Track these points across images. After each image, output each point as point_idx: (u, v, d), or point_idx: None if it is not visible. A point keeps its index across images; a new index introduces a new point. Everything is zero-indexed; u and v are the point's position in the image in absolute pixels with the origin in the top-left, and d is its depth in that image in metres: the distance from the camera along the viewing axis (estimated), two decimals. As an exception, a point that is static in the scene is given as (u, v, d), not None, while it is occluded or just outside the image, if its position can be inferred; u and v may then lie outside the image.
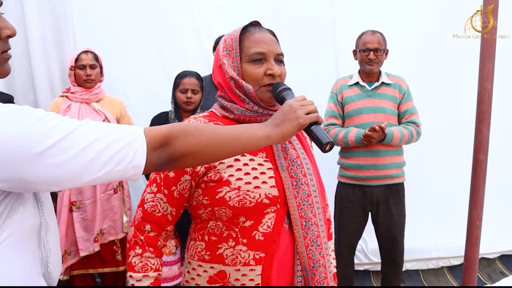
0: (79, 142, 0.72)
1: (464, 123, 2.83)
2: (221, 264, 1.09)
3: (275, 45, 1.14)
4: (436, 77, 3.09)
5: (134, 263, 1.11)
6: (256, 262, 1.08)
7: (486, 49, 2.67)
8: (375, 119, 2.48)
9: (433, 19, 3.08)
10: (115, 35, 2.98)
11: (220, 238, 1.10)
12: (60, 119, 0.73)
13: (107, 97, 2.72)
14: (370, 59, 2.47)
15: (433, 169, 3.12)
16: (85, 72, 2.57)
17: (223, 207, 1.07)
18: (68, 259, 2.55)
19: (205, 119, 1.14)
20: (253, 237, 1.08)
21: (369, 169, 2.48)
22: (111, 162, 0.74)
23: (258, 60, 1.11)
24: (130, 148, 0.76)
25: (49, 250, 0.81)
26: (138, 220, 1.13)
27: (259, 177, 1.09)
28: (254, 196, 1.07)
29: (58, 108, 2.56)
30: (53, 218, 0.84)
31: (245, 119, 1.14)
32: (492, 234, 3.12)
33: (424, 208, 3.11)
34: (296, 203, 1.11)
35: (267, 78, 1.11)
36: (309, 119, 0.95)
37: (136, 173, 0.79)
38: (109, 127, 0.78)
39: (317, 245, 1.12)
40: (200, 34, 3.08)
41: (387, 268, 2.66)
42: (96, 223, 2.55)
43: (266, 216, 1.09)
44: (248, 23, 1.17)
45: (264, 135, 0.90)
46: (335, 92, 2.63)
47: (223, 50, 1.15)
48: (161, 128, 0.83)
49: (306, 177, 1.14)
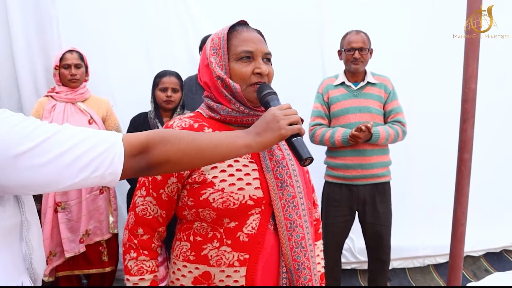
0: (57, 147, 0.72)
1: (449, 122, 2.87)
2: (205, 265, 1.09)
3: (263, 44, 1.14)
4: (421, 76, 3.12)
5: (130, 266, 1.12)
6: (241, 263, 1.08)
7: (470, 49, 2.71)
8: (361, 118, 2.50)
9: (419, 20, 3.11)
10: (101, 35, 2.96)
11: (205, 239, 1.09)
12: (39, 123, 0.74)
13: (93, 96, 2.71)
14: (355, 58, 2.50)
15: (419, 168, 3.16)
16: (70, 71, 2.55)
17: (207, 209, 1.07)
18: (53, 260, 2.53)
19: (191, 120, 1.13)
20: (238, 238, 1.08)
21: (356, 169, 2.51)
22: (88, 168, 0.75)
23: (246, 58, 1.11)
24: (108, 155, 0.77)
25: (32, 247, 0.81)
26: (131, 224, 1.14)
27: (243, 178, 1.08)
28: (238, 198, 1.06)
29: (43, 108, 2.53)
30: (35, 216, 0.85)
31: (231, 119, 1.13)
32: (477, 232, 3.17)
33: (410, 206, 3.15)
34: (281, 205, 1.10)
35: (254, 77, 1.10)
36: (291, 131, 0.94)
37: (113, 180, 0.80)
38: (87, 132, 0.78)
39: (301, 247, 1.11)
40: (186, 33, 3.08)
41: (373, 266, 2.69)
42: (81, 223, 2.53)
43: (250, 218, 1.08)
44: (236, 22, 1.16)
45: (244, 144, 0.91)
46: (321, 92, 2.64)
47: (210, 49, 1.14)
48: (139, 135, 0.84)
49: (292, 178, 1.13)
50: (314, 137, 2.59)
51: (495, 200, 3.40)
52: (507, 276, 2.23)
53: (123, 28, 2.99)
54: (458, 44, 2.75)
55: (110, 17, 2.97)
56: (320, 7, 3.11)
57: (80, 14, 2.94)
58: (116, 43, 2.99)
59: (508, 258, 3.39)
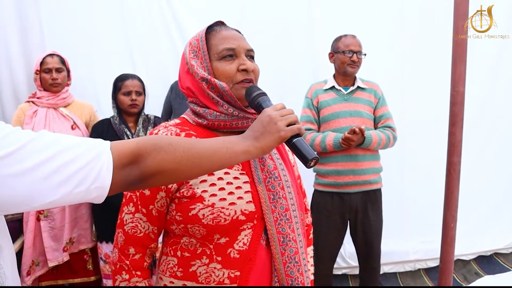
0: (31, 157, 0.63)
1: (438, 125, 2.89)
2: (194, 282, 1.05)
3: (244, 41, 1.11)
4: (409, 80, 3.15)
5: None
6: (231, 281, 1.04)
7: (458, 51, 2.74)
8: (352, 123, 2.49)
9: (407, 23, 3.13)
10: (85, 38, 2.93)
11: (194, 255, 1.05)
12: (10, 130, 0.64)
13: (76, 101, 2.68)
14: (353, 61, 2.50)
15: (409, 172, 3.18)
16: (51, 76, 2.52)
17: (196, 225, 1.02)
18: (36, 270, 2.50)
19: (177, 128, 1.08)
20: (228, 254, 1.03)
21: (348, 175, 2.49)
22: (69, 182, 0.66)
23: (228, 56, 1.07)
24: (93, 166, 0.68)
25: (4, 275, 0.71)
26: (121, 243, 1.09)
27: (234, 192, 1.04)
28: (229, 214, 1.01)
29: (24, 114, 2.51)
30: (7, 239, 0.75)
31: (220, 124, 1.08)
32: (468, 235, 3.20)
33: (401, 211, 3.17)
34: (273, 218, 1.06)
35: (240, 74, 1.07)
36: (291, 132, 0.89)
37: (100, 195, 0.71)
38: (69, 140, 0.69)
39: (295, 261, 1.08)
40: (172, 36, 3.06)
41: (364, 274, 2.70)
42: (65, 231, 2.50)
43: (242, 233, 1.04)
44: (213, 22, 1.13)
45: (243, 149, 0.85)
46: (309, 97, 2.63)
47: (189, 53, 1.11)
48: (129, 143, 0.76)
49: (284, 190, 1.09)
50: (303, 143, 2.57)
51: (485, 203, 3.44)
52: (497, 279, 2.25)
53: (107, 31, 2.97)
54: (445, 47, 2.78)
55: (95, 20, 2.95)
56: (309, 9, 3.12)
57: (64, 17, 2.91)
58: (101, 46, 2.97)
59: (498, 261, 3.43)
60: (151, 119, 2.57)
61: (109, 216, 2.38)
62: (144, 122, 2.53)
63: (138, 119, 2.53)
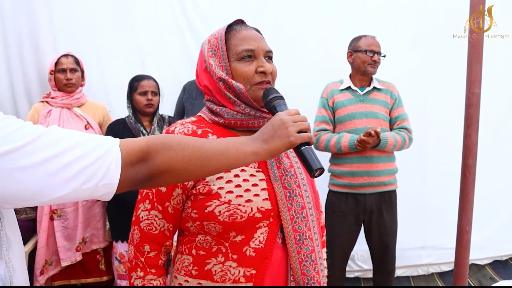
0: (41, 152, 0.64)
1: (453, 128, 2.87)
2: (209, 281, 1.05)
3: (264, 42, 1.12)
4: (424, 82, 3.13)
5: (137, 285, 1.10)
6: (247, 279, 1.04)
7: (474, 52, 2.73)
8: (368, 124, 2.50)
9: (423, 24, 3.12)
10: (96, 39, 2.96)
11: (209, 253, 1.06)
12: (21, 124, 0.65)
13: (89, 101, 2.72)
14: (374, 61, 2.52)
15: (423, 175, 3.17)
16: (65, 76, 2.56)
17: (212, 222, 1.03)
18: (49, 269, 2.53)
19: (193, 126, 1.10)
20: (244, 252, 1.04)
21: (363, 176, 2.50)
22: (78, 178, 0.67)
23: (247, 57, 1.08)
24: (102, 163, 0.69)
25: (13, 268, 0.71)
26: (136, 240, 1.11)
27: (250, 189, 1.04)
28: (245, 211, 1.02)
29: (38, 114, 2.55)
30: (16, 233, 0.77)
31: (236, 123, 1.09)
32: (483, 239, 3.17)
33: (414, 213, 3.15)
34: (290, 216, 1.07)
35: (258, 76, 1.08)
36: (301, 139, 0.89)
37: (108, 192, 0.72)
38: (79, 137, 0.70)
39: (311, 260, 1.08)
40: (184, 37, 3.07)
41: (379, 277, 2.69)
42: (78, 231, 2.54)
43: (258, 231, 1.05)
44: (233, 21, 1.14)
45: (251, 151, 0.86)
46: (325, 97, 2.64)
47: (208, 51, 1.12)
48: (139, 141, 0.77)
49: (300, 188, 1.10)
50: (318, 143, 2.57)
51: (500, 207, 3.40)
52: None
53: (118, 31, 3.00)
54: (461, 47, 2.77)
55: (105, 21, 2.97)
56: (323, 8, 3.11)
57: (75, 18, 2.94)
58: (112, 47, 3.00)
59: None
60: (166, 119, 2.61)
61: (124, 215, 2.41)
62: (159, 122, 2.56)
63: (153, 119, 2.56)
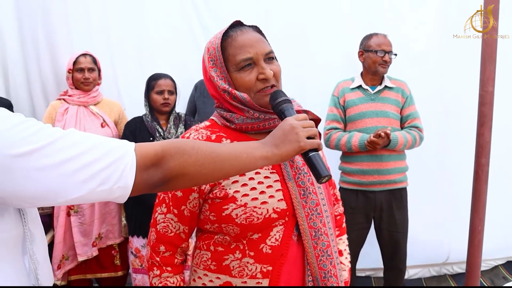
0: (59, 154, 0.67)
1: (466, 126, 2.89)
2: (227, 275, 1.10)
3: (262, 44, 1.10)
4: (436, 79, 3.14)
5: (154, 283, 1.15)
6: (263, 275, 1.09)
7: (487, 51, 2.75)
8: (378, 123, 2.55)
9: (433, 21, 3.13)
10: (109, 38, 3.02)
11: (227, 249, 1.11)
12: (41, 126, 0.69)
13: (105, 100, 2.80)
14: (385, 61, 2.54)
15: (435, 173, 3.18)
16: (83, 75, 2.65)
17: (230, 224, 1.07)
18: (66, 264, 2.62)
19: (207, 131, 1.13)
20: (261, 250, 1.08)
21: (373, 175, 2.55)
22: (94, 180, 0.70)
23: (247, 66, 1.08)
24: (118, 166, 0.72)
25: (37, 261, 0.76)
26: (153, 241, 1.16)
27: (266, 191, 1.08)
28: (261, 212, 1.06)
29: (56, 111, 2.63)
30: (39, 228, 0.81)
31: (248, 127, 1.12)
32: (496, 239, 3.17)
33: (426, 213, 3.17)
34: (305, 213, 1.10)
35: (260, 83, 1.08)
36: (310, 145, 0.92)
37: (122, 195, 0.75)
38: (95, 140, 0.73)
39: (327, 255, 1.12)
40: (196, 35, 3.09)
41: (389, 275, 2.73)
42: (94, 227, 2.62)
43: (274, 229, 1.09)
44: (228, 26, 1.12)
45: (262, 155, 0.88)
46: (336, 95, 2.68)
47: (208, 61, 1.12)
48: (154, 145, 0.80)
49: (314, 185, 1.13)
50: (329, 141, 2.62)
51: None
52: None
53: (131, 30, 3.03)
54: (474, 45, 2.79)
55: (118, 20, 3.01)
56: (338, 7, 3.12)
57: (89, 17, 2.99)
58: (125, 45, 3.04)
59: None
60: (182, 117, 2.68)
61: (140, 211, 2.48)
62: (175, 120, 2.63)
63: (169, 117, 2.63)
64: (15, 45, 2.87)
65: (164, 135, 2.56)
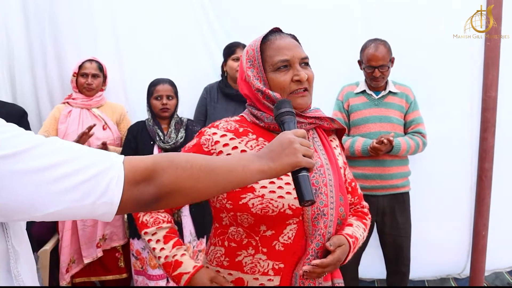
0: (35, 161, 0.62)
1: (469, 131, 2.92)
2: (239, 272, 1.16)
3: (299, 49, 1.19)
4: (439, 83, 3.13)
5: (145, 220, 1.24)
6: (275, 272, 1.14)
7: (490, 56, 2.80)
8: (381, 128, 2.60)
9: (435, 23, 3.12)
10: (117, 43, 3.05)
11: (240, 245, 1.16)
12: (19, 132, 0.64)
13: (108, 103, 2.88)
14: (374, 76, 2.57)
15: (438, 178, 3.18)
16: (86, 80, 2.72)
17: (245, 213, 1.13)
18: (73, 267, 2.69)
19: (236, 124, 1.22)
20: (273, 247, 1.14)
21: (375, 179, 2.60)
22: (74, 192, 0.64)
23: (283, 67, 1.16)
24: (101, 179, 0.66)
25: (22, 282, 0.69)
26: None
27: (283, 187, 1.13)
28: (277, 206, 1.11)
29: (60, 113, 2.71)
30: (24, 245, 0.74)
31: (276, 126, 1.17)
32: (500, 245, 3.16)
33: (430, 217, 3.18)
34: (311, 211, 1.15)
35: (294, 84, 1.16)
36: (306, 163, 0.89)
37: (108, 212, 0.69)
38: (79, 150, 0.68)
39: (317, 256, 1.16)
40: (205, 39, 3.09)
41: (393, 279, 2.77)
42: (98, 228, 2.68)
43: (287, 227, 1.14)
44: (268, 31, 1.22)
45: (258, 169, 0.85)
46: (341, 99, 2.74)
47: (246, 62, 1.21)
48: (145, 158, 0.75)
49: (327, 187, 1.18)
50: (333, 145, 2.67)
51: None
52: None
53: (138, 34, 3.06)
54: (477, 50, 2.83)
55: (125, 24, 3.03)
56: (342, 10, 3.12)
57: (96, 22, 3.02)
58: (132, 50, 3.05)
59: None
60: (184, 122, 2.73)
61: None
62: (177, 125, 2.69)
63: (170, 122, 2.69)
64: (22, 50, 2.93)
65: (165, 140, 2.61)
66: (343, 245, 1.18)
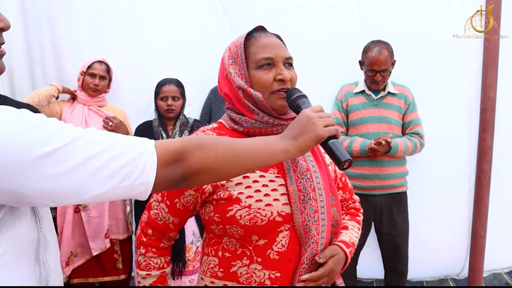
0: (80, 153, 0.69)
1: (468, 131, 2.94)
2: (235, 282, 1.12)
3: (283, 49, 1.16)
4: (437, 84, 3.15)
5: (139, 261, 1.23)
6: (272, 281, 1.11)
7: (489, 56, 2.83)
8: (379, 129, 2.64)
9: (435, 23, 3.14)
10: (119, 44, 3.05)
11: (234, 255, 1.13)
12: (61, 126, 0.71)
13: (109, 105, 2.90)
14: (375, 80, 2.60)
15: (436, 178, 3.20)
16: (93, 80, 2.75)
17: (234, 226, 1.09)
18: (75, 260, 2.70)
19: (213, 132, 1.17)
20: (268, 256, 1.10)
21: (373, 179, 2.64)
22: (115, 177, 0.72)
23: (266, 65, 1.13)
24: (138, 162, 0.74)
25: (49, 268, 0.77)
26: (144, 223, 1.23)
27: (270, 194, 1.10)
28: (265, 214, 1.08)
29: (60, 107, 2.73)
30: (52, 234, 0.83)
31: (255, 131, 1.15)
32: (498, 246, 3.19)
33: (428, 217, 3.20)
34: (302, 219, 1.11)
35: (277, 83, 1.12)
36: (328, 132, 0.94)
37: (144, 191, 0.76)
38: (115, 137, 0.75)
39: (311, 263, 1.14)
40: (212, 40, 3.09)
41: (391, 278, 2.81)
42: (105, 219, 2.70)
43: (280, 235, 1.11)
44: (253, 28, 1.19)
45: (282, 148, 0.90)
46: (340, 99, 2.78)
47: (228, 59, 1.17)
48: (173, 142, 0.81)
49: (315, 192, 1.15)
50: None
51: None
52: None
53: (142, 34, 3.05)
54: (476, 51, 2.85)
55: (128, 24, 3.03)
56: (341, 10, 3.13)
57: (96, 22, 3.02)
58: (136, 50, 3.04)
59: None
60: (189, 122, 2.75)
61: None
62: (182, 126, 2.72)
63: (176, 123, 2.72)
64: (20, 50, 2.93)
65: None
66: (335, 255, 1.17)
